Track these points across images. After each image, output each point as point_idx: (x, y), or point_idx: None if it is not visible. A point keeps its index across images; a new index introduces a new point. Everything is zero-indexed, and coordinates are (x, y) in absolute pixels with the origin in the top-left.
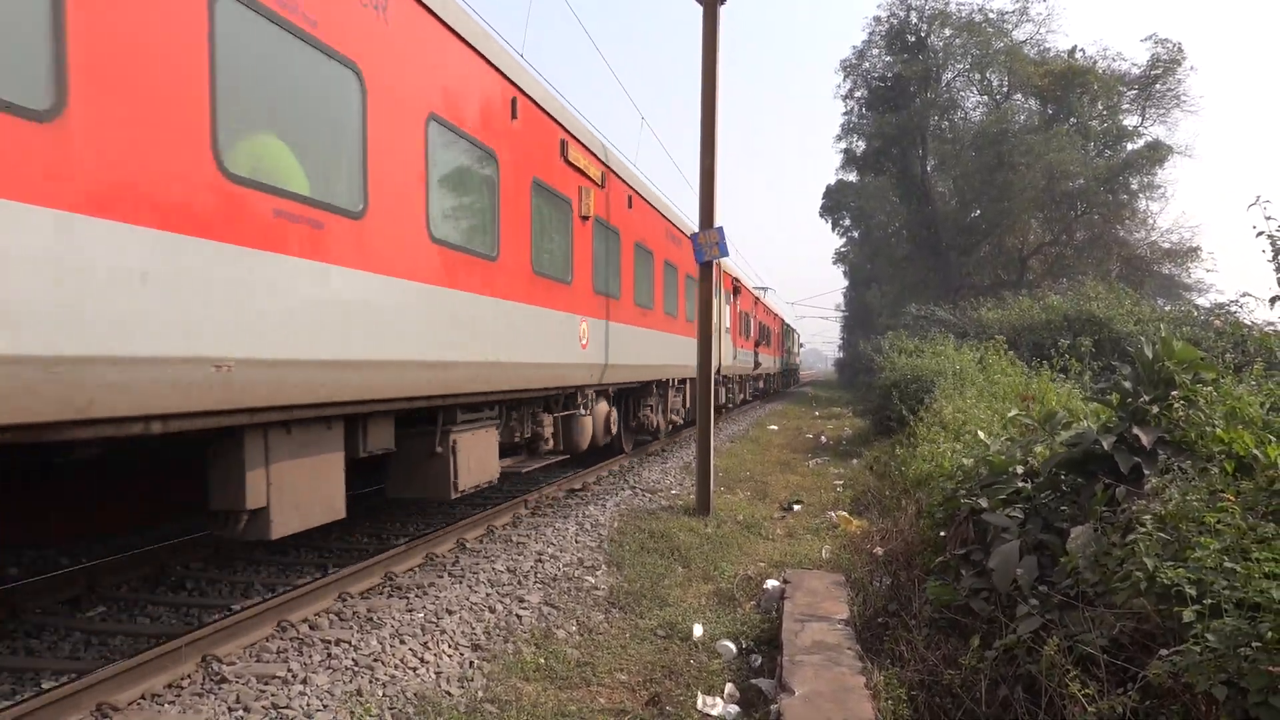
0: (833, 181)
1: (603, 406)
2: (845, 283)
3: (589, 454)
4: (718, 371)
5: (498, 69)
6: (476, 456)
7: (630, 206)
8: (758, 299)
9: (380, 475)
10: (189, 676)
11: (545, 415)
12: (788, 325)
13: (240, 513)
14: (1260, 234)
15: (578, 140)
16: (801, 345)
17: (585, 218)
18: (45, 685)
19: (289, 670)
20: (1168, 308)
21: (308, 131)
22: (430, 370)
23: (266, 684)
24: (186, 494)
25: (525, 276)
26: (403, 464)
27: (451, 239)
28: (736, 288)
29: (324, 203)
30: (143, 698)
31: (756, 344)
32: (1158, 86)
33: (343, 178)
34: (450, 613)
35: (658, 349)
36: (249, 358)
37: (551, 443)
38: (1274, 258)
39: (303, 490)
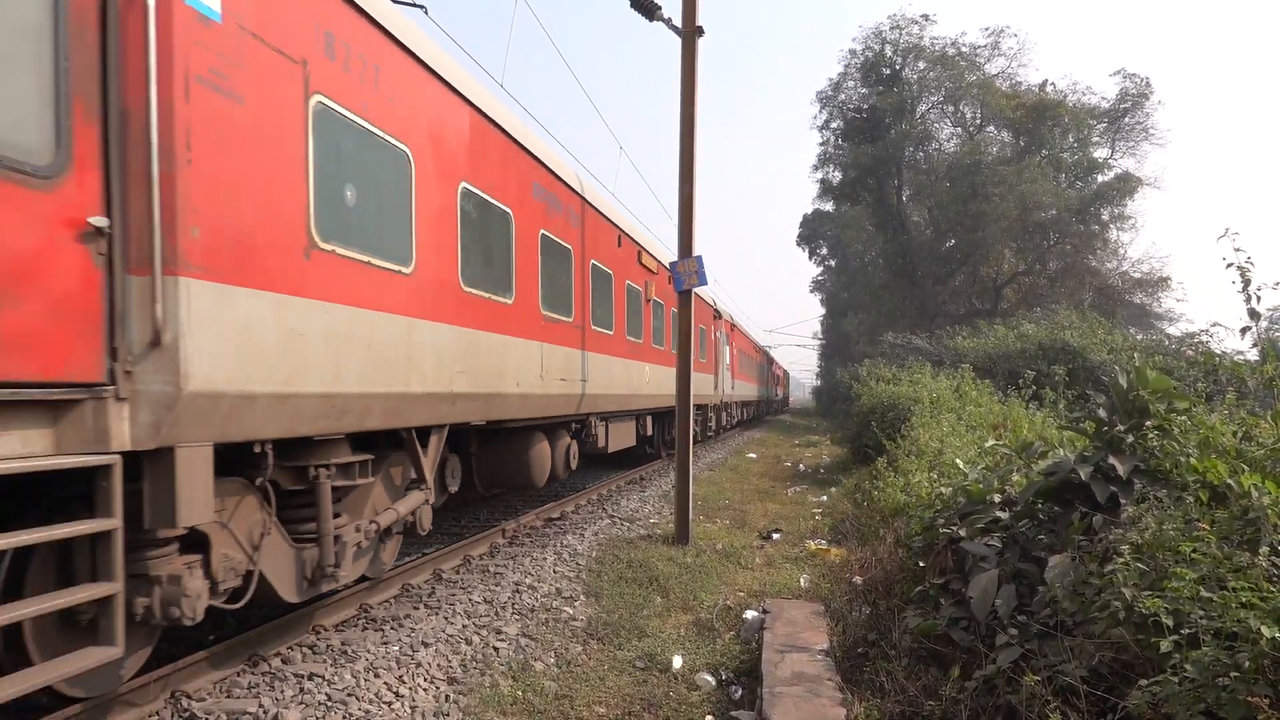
0: (810, 211)
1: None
2: (822, 311)
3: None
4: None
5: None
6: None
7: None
8: (758, 345)
9: None
10: (158, 714)
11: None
12: (781, 369)
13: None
14: (1230, 265)
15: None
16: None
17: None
18: None
19: (260, 706)
20: (1140, 337)
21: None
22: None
23: None
24: None
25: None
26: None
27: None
28: (743, 335)
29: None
30: None
31: (751, 379)
32: (1127, 120)
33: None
34: (426, 645)
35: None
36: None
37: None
38: (1243, 288)
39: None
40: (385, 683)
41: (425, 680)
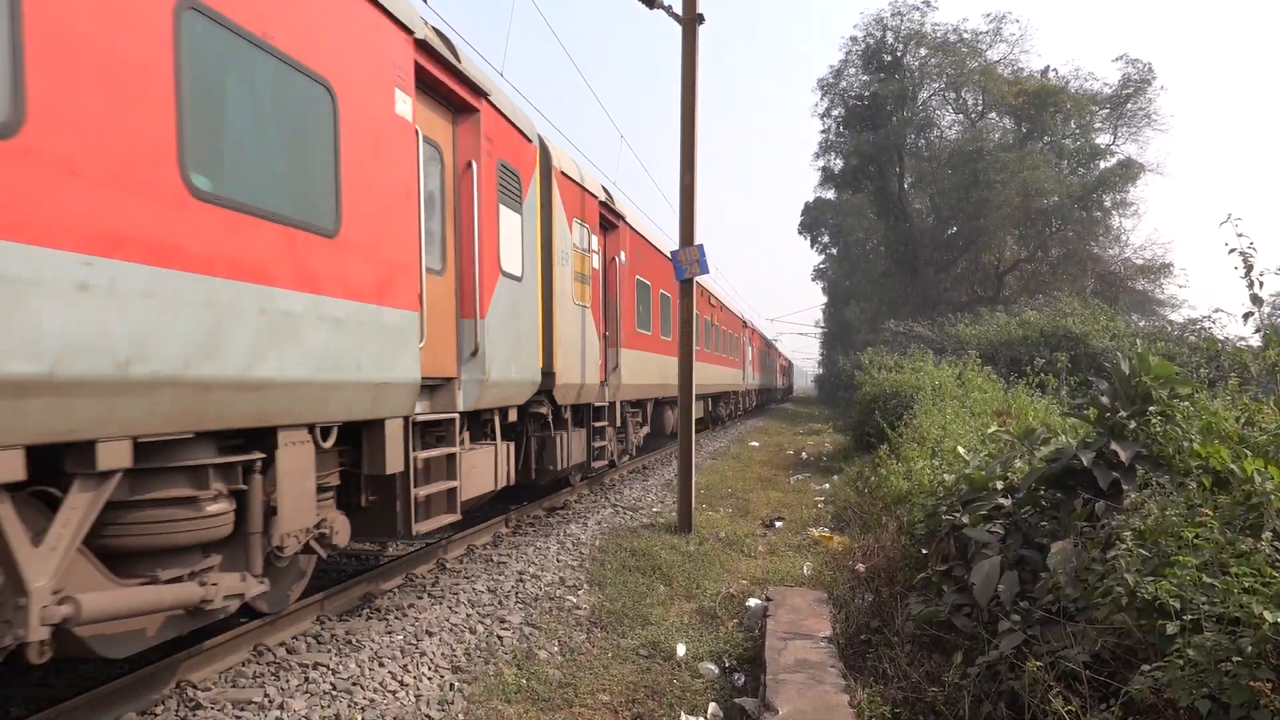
0: (811, 199)
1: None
2: (824, 299)
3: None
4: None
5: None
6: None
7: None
8: (768, 341)
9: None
10: (163, 703)
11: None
12: (787, 360)
13: None
14: (1232, 251)
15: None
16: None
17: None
18: (15, 714)
19: (266, 695)
20: (1142, 323)
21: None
22: None
23: (243, 710)
24: None
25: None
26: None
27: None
28: (760, 336)
29: None
30: None
31: (764, 370)
32: (1129, 106)
33: None
34: (430, 634)
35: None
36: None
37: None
38: (1246, 274)
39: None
40: (390, 672)
41: (430, 669)
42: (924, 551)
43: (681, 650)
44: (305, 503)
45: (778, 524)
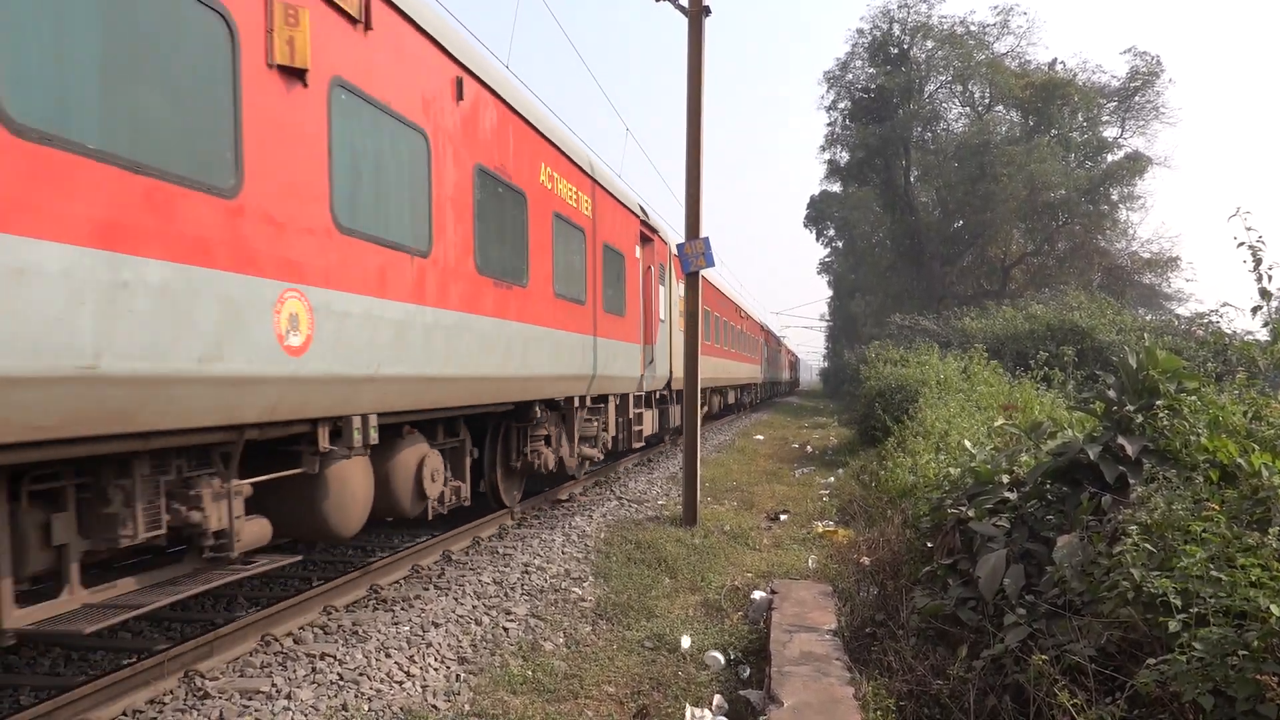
0: (817, 192)
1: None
2: (829, 292)
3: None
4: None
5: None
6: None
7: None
8: (779, 340)
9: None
10: (171, 692)
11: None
12: (794, 355)
13: None
14: (1241, 244)
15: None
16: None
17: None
18: (24, 701)
19: (273, 685)
20: (1149, 317)
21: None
22: None
23: (250, 699)
24: None
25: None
26: None
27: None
28: (773, 337)
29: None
30: (124, 714)
31: (780, 366)
32: (1137, 98)
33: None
34: (436, 625)
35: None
36: None
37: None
38: (1255, 267)
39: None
40: (396, 662)
41: (436, 660)
42: (929, 545)
43: (686, 642)
44: (610, 425)
45: (782, 517)
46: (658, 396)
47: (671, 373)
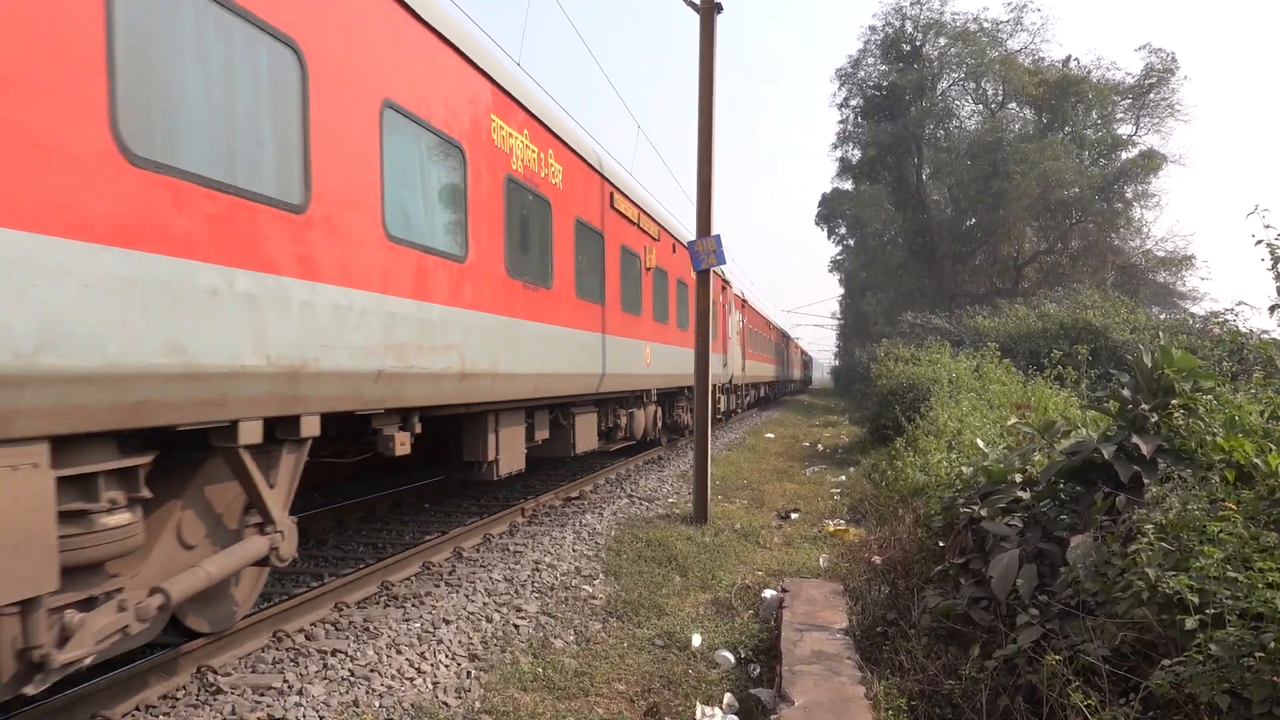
0: (829, 190)
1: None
2: (841, 290)
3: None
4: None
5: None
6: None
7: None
8: (798, 344)
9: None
10: (184, 688)
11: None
12: (808, 354)
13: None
14: (1259, 242)
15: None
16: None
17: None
18: (37, 696)
19: (285, 681)
20: (1163, 316)
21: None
22: None
23: (262, 695)
24: None
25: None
26: None
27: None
28: (793, 341)
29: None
30: (137, 709)
31: (793, 365)
32: (1151, 96)
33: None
34: (447, 622)
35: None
36: None
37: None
38: (1273, 265)
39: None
40: (407, 659)
41: (446, 657)
42: (941, 544)
43: (697, 640)
44: (666, 413)
45: (793, 516)
46: (725, 387)
47: (731, 371)
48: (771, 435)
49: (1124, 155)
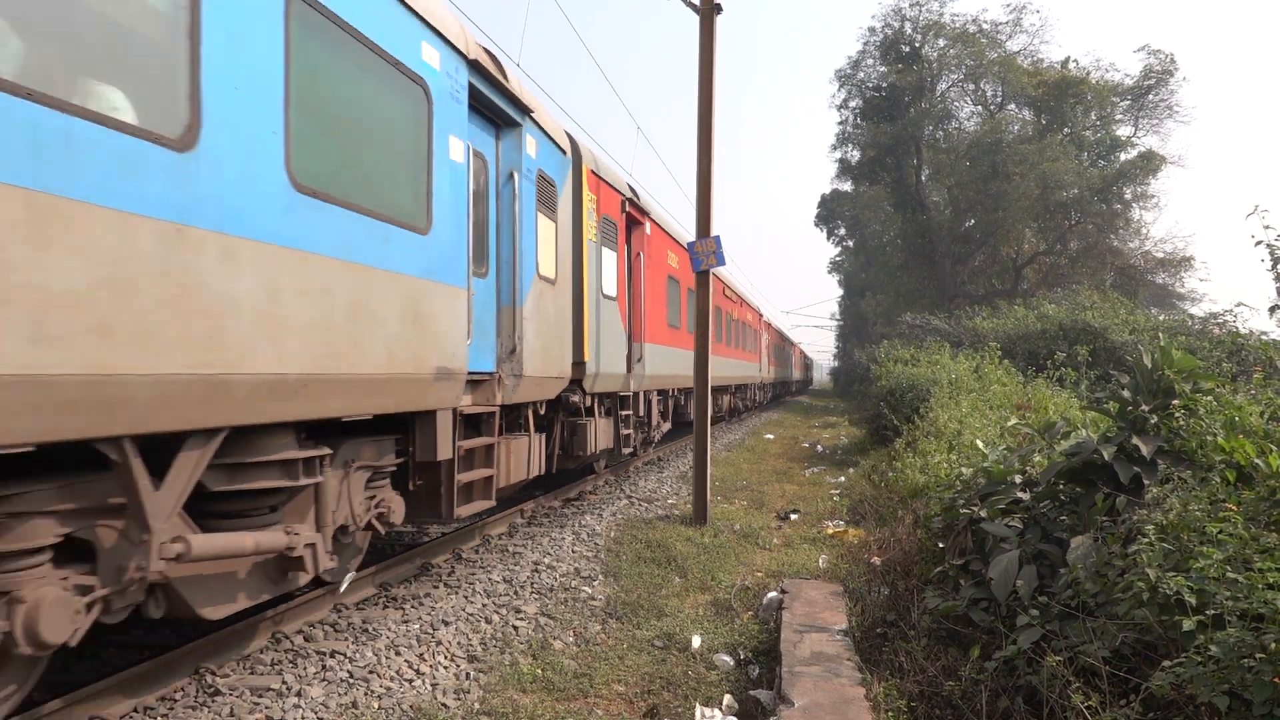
0: (828, 191)
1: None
2: (840, 291)
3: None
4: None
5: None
6: None
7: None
8: (796, 344)
9: None
10: (182, 689)
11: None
12: (809, 356)
13: None
14: (1259, 243)
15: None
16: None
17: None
18: (36, 698)
19: (283, 683)
20: (1162, 317)
21: None
22: None
23: (260, 696)
24: None
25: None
26: None
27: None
28: (797, 347)
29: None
30: (135, 711)
31: (792, 366)
32: (1151, 97)
33: None
34: (446, 624)
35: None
36: None
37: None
38: (1273, 266)
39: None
40: (406, 660)
41: (446, 658)
42: (941, 545)
43: (697, 642)
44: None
45: (793, 517)
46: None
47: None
48: (771, 436)
49: (1123, 156)
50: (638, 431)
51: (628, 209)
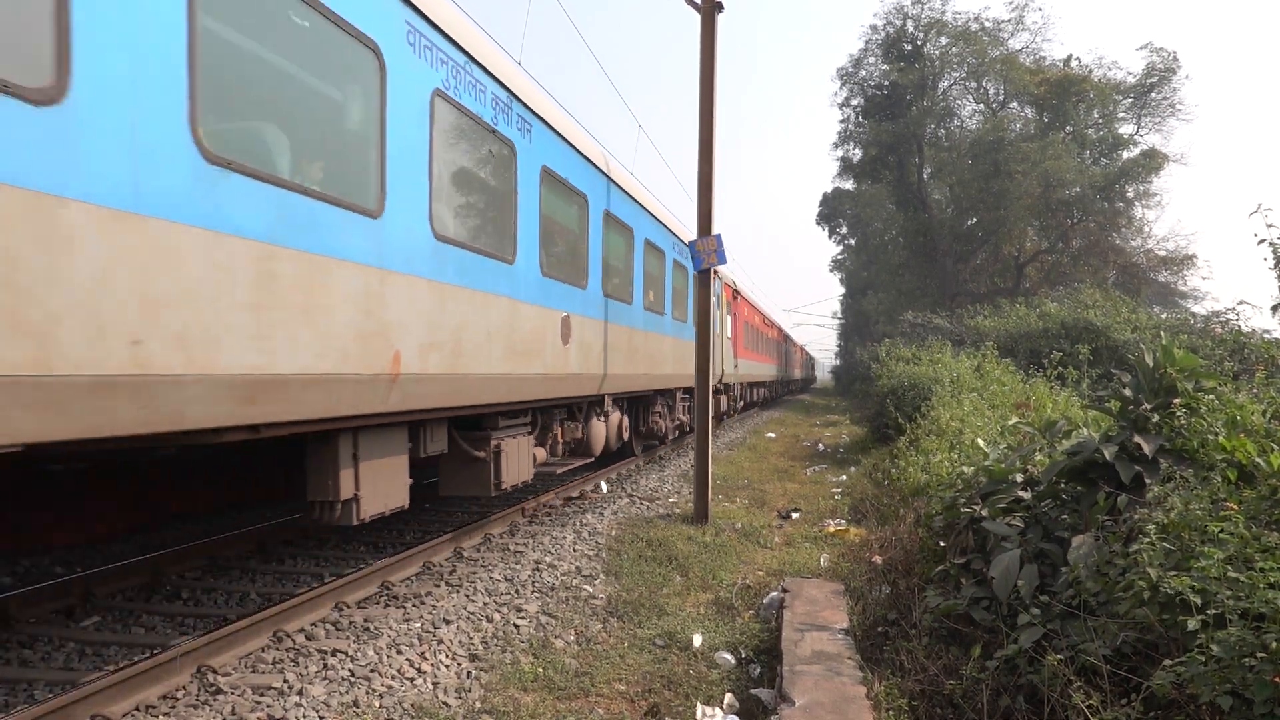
0: (830, 189)
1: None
2: (842, 290)
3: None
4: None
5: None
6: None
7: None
8: (797, 343)
9: None
10: (184, 688)
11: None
12: (810, 355)
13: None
14: (1261, 241)
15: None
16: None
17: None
18: (38, 696)
19: (285, 681)
20: (1164, 315)
21: None
22: None
23: (262, 695)
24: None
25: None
26: None
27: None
28: (798, 346)
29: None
30: (137, 709)
31: (790, 364)
32: (1153, 95)
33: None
34: (448, 622)
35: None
36: None
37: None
38: (1275, 265)
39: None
40: (408, 659)
41: (447, 657)
42: (942, 544)
43: (698, 640)
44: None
45: (794, 515)
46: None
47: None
48: (772, 435)
49: (1125, 154)
50: (730, 405)
51: (734, 290)
